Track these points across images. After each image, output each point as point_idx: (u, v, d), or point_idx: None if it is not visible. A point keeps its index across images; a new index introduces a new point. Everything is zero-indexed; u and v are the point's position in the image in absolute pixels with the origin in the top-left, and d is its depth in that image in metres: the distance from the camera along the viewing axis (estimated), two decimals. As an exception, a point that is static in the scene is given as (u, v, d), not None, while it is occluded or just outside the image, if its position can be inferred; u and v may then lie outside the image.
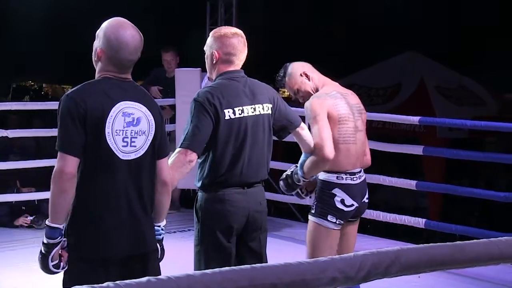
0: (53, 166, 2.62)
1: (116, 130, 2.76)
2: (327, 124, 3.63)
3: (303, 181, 3.72)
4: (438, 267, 1.65)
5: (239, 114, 3.24)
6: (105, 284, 1.49)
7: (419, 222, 5.98)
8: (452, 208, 8.88)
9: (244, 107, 3.26)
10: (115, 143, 2.76)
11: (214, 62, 3.32)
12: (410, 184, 6.13)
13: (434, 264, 1.61)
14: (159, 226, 3.00)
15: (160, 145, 2.90)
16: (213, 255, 3.23)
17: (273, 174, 7.58)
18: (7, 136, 6.80)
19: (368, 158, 3.98)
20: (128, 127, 2.79)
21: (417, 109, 8.58)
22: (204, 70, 7.29)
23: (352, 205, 3.75)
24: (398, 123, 8.63)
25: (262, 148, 3.33)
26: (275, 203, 7.46)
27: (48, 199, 6.63)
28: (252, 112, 3.28)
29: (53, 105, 9.44)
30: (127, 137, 2.78)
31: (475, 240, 1.74)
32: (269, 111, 3.35)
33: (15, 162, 7.04)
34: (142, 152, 2.82)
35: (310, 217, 3.77)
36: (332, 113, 3.68)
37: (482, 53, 13.96)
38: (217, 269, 1.52)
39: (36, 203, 6.91)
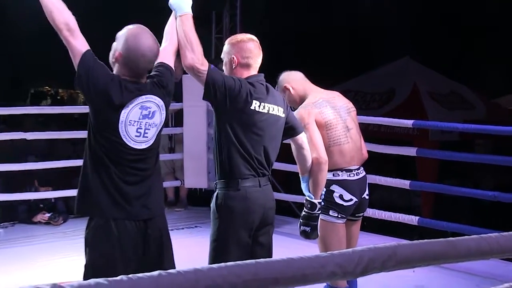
0: (68, 167, 2.66)
1: (130, 120, 2.83)
2: (317, 130, 3.66)
3: (318, 203, 3.53)
4: (431, 262, 1.65)
5: (262, 109, 3.22)
6: (119, 278, 1.49)
7: (412, 219, 5.98)
8: (443, 206, 8.87)
9: (268, 105, 3.25)
10: (126, 132, 2.83)
11: (233, 66, 3.29)
12: (404, 183, 6.13)
13: (428, 259, 1.61)
14: None
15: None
16: (233, 250, 3.17)
17: (274, 175, 7.59)
18: (25, 139, 6.82)
19: (364, 152, 3.99)
20: (143, 119, 2.86)
21: (411, 113, 8.59)
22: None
23: (351, 199, 3.75)
24: (393, 126, 8.60)
25: (274, 147, 3.31)
26: (276, 202, 7.45)
27: (63, 197, 6.66)
28: (272, 111, 3.27)
29: (68, 110, 9.48)
30: (141, 128, 2.86)
31: (466, 237, 1.74)
32: (283, 115, 3.35)
33: (33, 164, 7.05)
34: (151, 142, 2.91)
35: None
36: (319, 121, 3.71)
37: (472, 60, 13.95)
38: (223, 264, 1.52)
39: (53, 201, 6.93)
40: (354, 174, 3.79)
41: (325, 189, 3.66)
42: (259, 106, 3.21)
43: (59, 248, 5.79)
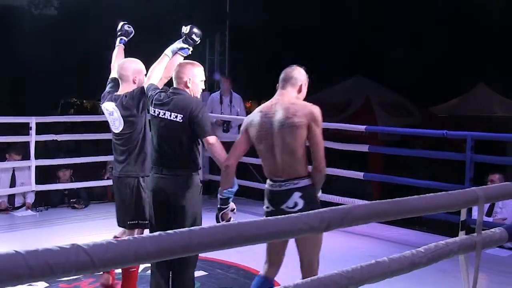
0: (92, 163, 2.59)
1: None
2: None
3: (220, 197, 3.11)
4: (379, 218, 1.62)
5: (155, 114, 3.29)
6: (126, 238, 1.44)
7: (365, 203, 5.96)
8: (389, 192, 8.85)
9: (160, 110, 3.27)
10: None
11: None
12: (358, 175, 6.11)
13: (376, 216, 1.58)
14: None
15: None
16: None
17: (257, 168, 7.55)
18: (56, 140, 6.74)
19: None
20: None
21: (365, 118, 8.60)
22: (211, 92, 7.61)
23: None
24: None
25: (173, 145, 3.23)
26: (257, 189, 7.42)
27: (84, 188, 6.52)
28: (163, 115, 3.26)
29: (90, 118, 9.39)
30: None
31: (408, 197, 1.71)
32: (180, 120, 3.21)
33: (64, 159, 6.98)
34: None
35: None
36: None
37: (411, 78, 13.99)
38: (212, 225, 1.48)
39: (76, 189, 6.86)
40: None
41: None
42: (153, 111, 3.30)
43: (84, 227, 5.74)
